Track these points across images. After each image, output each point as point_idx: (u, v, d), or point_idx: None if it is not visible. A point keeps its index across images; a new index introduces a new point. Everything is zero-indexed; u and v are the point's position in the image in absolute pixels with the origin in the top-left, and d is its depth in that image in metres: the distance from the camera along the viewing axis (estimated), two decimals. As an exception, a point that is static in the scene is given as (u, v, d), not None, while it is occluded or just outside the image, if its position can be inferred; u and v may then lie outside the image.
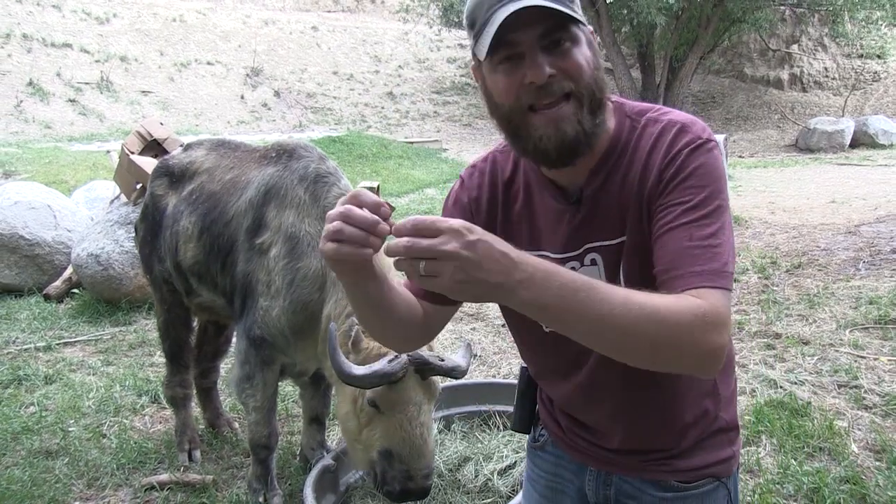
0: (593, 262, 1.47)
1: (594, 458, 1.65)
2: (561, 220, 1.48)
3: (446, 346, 5.32)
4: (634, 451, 1.58)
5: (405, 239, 1.10)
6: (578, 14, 1.31)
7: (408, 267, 1.11)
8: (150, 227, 3.78)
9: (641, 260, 1.38)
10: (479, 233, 1.10)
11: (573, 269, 1.46)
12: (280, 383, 3.50)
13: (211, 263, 3.39)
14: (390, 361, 2.46)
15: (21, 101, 18.22)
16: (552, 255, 1.48)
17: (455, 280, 1.09)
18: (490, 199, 1.59)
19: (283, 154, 3.33)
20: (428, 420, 2.64)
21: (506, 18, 1.24)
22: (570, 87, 1.31)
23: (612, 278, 1.44)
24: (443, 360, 2.60)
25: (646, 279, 1.33)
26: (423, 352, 2.55)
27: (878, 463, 3.59)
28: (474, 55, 1.38)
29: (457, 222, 1.10)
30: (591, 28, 1.37)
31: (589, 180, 1.44)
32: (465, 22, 1.39)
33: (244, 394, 3.29)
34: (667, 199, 1.33)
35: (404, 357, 2.47)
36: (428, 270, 1.09)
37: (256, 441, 3.35)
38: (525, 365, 1.81)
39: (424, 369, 2.56)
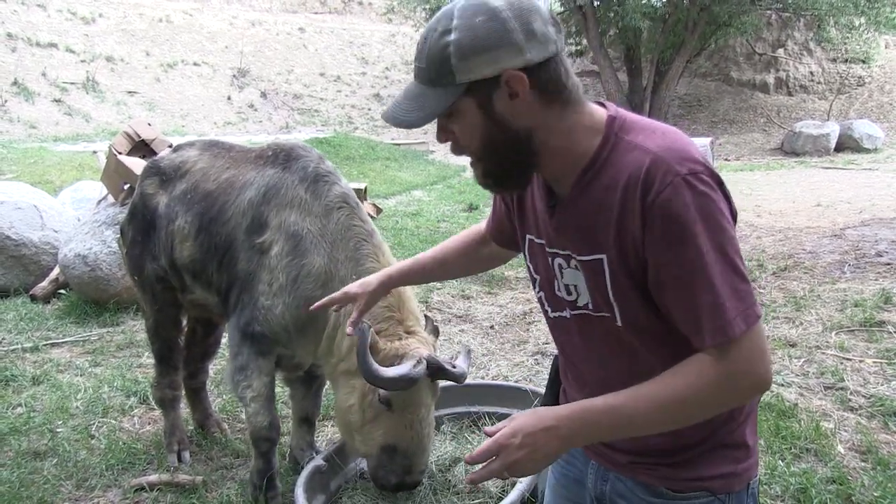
0: (577, 268, 1.50)
1: (594, 451, 1.68)
2: (546, 218, 1.55)
3: (437, 347, 5.32)
4: (631, 451, 1.59)
5: (483, 473, 1.42)
6: (447, 94, 1.39)
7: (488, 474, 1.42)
8: (141, 227, 3.74)
9: (627, 272, 1.41)
10: (519, 430, 1.39)
11: (560, 266, 1.54)
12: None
13: (207, 262, 3.40)
14: (414, 366, 2.57)
15: (6, 101, 18.08)
16: (547, 248, 1.58)
17: (531, 468, 1.40)
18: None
19: (281, 154, 3.36)
20: (432, 420, 2.85)
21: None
22: (468, 152, 1.47)
23: (594, 288, 1.48)
24: (455, 367, 2.76)
25: (635, 290, 1.42)
26: (439, 356, 2.73)
27: (863, 464, 3.63)
28: None
29: (501, 437, 1.39)
30: (481, 93, 1.39)
31: (570, 191, 1.48)
32: None
33: (239, 386, 3.27)
34: (655, 253, 1.35)
35: (424, 363, 2.61)
36: (513, 475, 1.43)
37: (257, 433, 3.31)
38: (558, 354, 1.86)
39: (438, 374, 2.71)
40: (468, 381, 4.43)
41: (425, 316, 3.14)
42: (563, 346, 1.70)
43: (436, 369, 2.68)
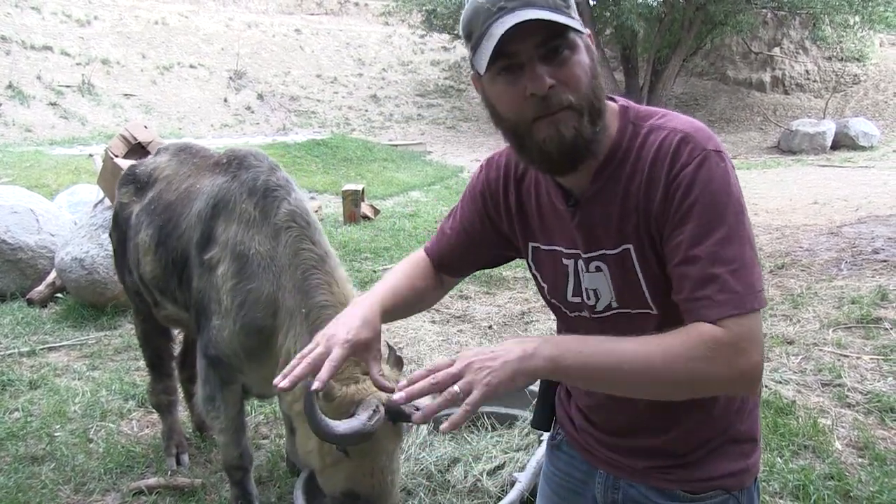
0: (598, 270, 1.48)
1: (604, 461, 1.65)
2: (563, 219, 1.51)
3: (433, 349, 5.33)
4: (644, 456, 1.57)
5: (420, 383, 1.28)
6: (576, 22, 1.30)
7: (445, 402, 1.26)
8: (119, 237, 3.68)
9: (657, 260, 1.39)
10: (476, 349, 1.28)
11: (581, 269, 1.50)
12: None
13: (168, 278, 3.24)
14: (370, 418, 2.24)
15: (0, 105, 18.06)
16: (564, 250, 1.53)
17: (489, 380, 1.23)
18: (504, 197, 1.64)
19: (234, 162, 3.13)
20: (397, 465, 2.54)
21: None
22: (568, 100, 1.30)
23: (619, 285, 1.46)
24: (418, 409, 2.39)
25: (658, 278, 1.39)
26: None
27: (860, 460, 3.64)
28: (473, 66, 1.38)
29: (456, 355, 1.28)
30: (588, 31, 1.35)
31: (590, 185, 1.45)
32: (461, 32, 1.39)
33: (209, 415, 3.16)
34: (679, 223, 1.32)
35: (382, 411, 2.26)
36: (463, 388, 1.24)
37: (229, 462, 3.22)
38: None
39: (399, 418, 2.34)
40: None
41: (388, 346, 2.63)
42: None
43: (397, 414, 2.30)
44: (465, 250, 1.76)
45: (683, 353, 1.25)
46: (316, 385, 1.47)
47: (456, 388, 1.23)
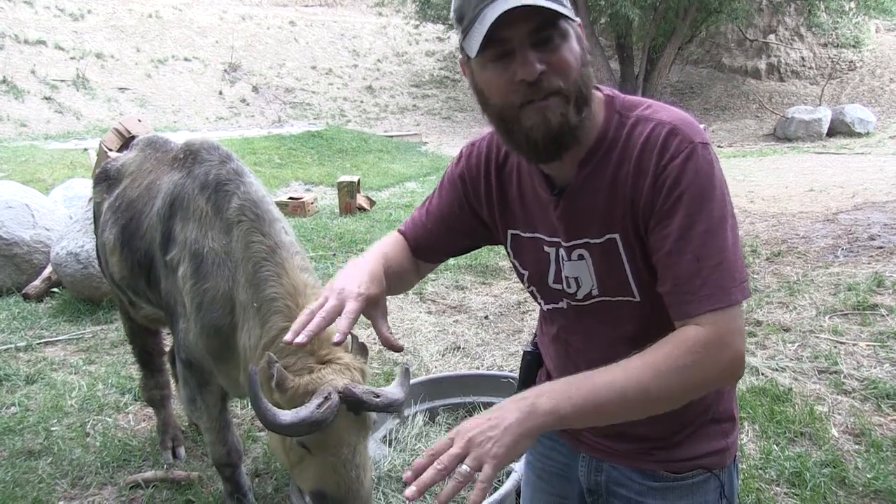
0: (580, 258, 1.48)
1: (586, 444, 1.66)
2: (546, 208, 1.50)
3: (430, 339, 5.33)
4: (628, 440, 1.58)
5: (434, 469, 1.20)
6: (567, 9, 1.30)
7: (458, 485, 1.19)
8: (97, 236, 3.66)
9: (642, 249, 1.40)
10: (475, 418, 1.25)
11: (562, 258, 1.50)
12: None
13: (136, 279, 3.19)
14: (319, 405, 2.13)
15: (-5, 100, 18.01)
16: (546, 238, 1.53)
17: (492, 447, 1.20)
18: (485, 182, 1.63)
19: (189, 157, 3.05)
20: (364, 460, 2.35)
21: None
22: (557, 86, 1.30)
23: (601, 274, 1.46)
24: (378, 396, 2.25)
25: (642, 267, 1.40)
26: (356, 387, 2.23)
27: (857, 446, 3.64)
28: (462, 50, 1.37)
29: (454, 431, 1.24)
30: (579, 21, 1.35)
31: (576, 174, 1.44)
32: (452, 17, 1.38)
33: (194, 415, 3.16)
34: (666, 215, 1.33)
35: (335, 398, 2.16)
36: (470, 464, 1.20)
37: (217, 460, 3.19)
38: (528, 349, 1.80)
39: (358, 406, 2.23)
40: (463, 371, 4.43)
41: (351, 335, 2.46)
42: (557, 337, 1.65)
43: (354, 402, 2.20)
44: (442, 236, 1.74)
45: (672, 366, 1.26)
46: (338, 338, 1.41)
47: (465, 468, 1.20)
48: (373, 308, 1.50)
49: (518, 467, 3.03)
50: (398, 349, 1.51)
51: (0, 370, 4.91)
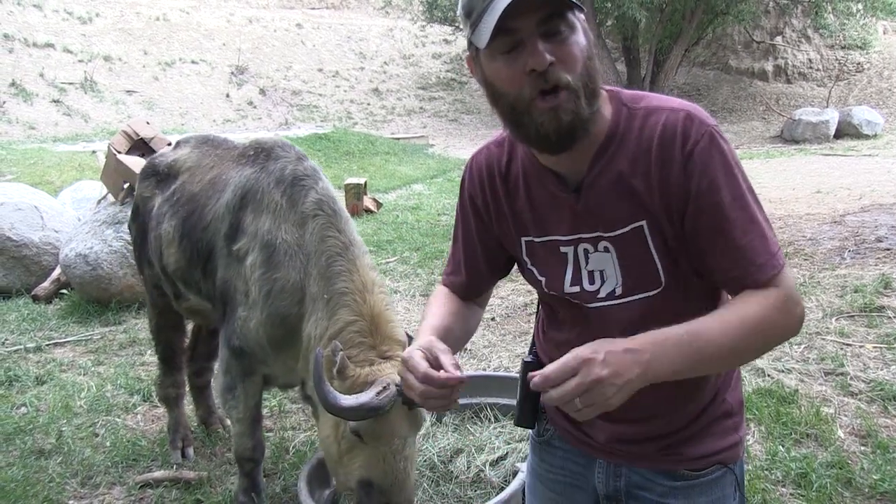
0: (606, 250, 1.49)
1: (603, 450, 1.64)
2: (562, 207, 1.50)
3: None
4: (646, 441, 1.57)
5: (555, 393, 1.25)
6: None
7: (567, 411, 1.27)
8: (140, 230, 3.73)
9: (672, 232, 1.43)
10: (600, 348, 1.25)
11: (586, 251, 1.50)
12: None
13: (192, 269, 3.27)
14: (379, 394, 2.26)
15: (4, 102, 18.08)
16: (562, 238, 1.53)
17: (610, 398, 1.24)
18: (492, 195, 1.63)
19: (261, 153, 3.18)
20: (412, 453, 2.49)
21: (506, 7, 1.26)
22: (566, 80, 1.31)
23: (627, 265, 1.47)
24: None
25: (680, 250, 1.44)
26: None
27: (863, 448, 3.64)
28: (471, 44, 1.38)
29: (581, 352, 1.25)
30: (583, 16, 1.37)
31: (589, 169, 1.46)
32: (460, 12, 1.39)
33: (227, 404, 3.20)
34: (702, 198, 1.38)
35: (393, 389, 2.26)
36: (585, 403, 1.24)
37: (241, 453, 3.24)
38: (528, 359, 1.79)
39: (412, 403, 2.34)
40: (470, 372, 4.45)
41: (409, 337, 2.66)
42: (568, 342, 1.51)
43: (411, 399, 2.30)
44: (480, 260, 1.73)
45: (764, 325, 1.35)
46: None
47: (578, 404, 1.24)
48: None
49: (524, 467, 3.05)
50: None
51: (10, 371, 4.95)
